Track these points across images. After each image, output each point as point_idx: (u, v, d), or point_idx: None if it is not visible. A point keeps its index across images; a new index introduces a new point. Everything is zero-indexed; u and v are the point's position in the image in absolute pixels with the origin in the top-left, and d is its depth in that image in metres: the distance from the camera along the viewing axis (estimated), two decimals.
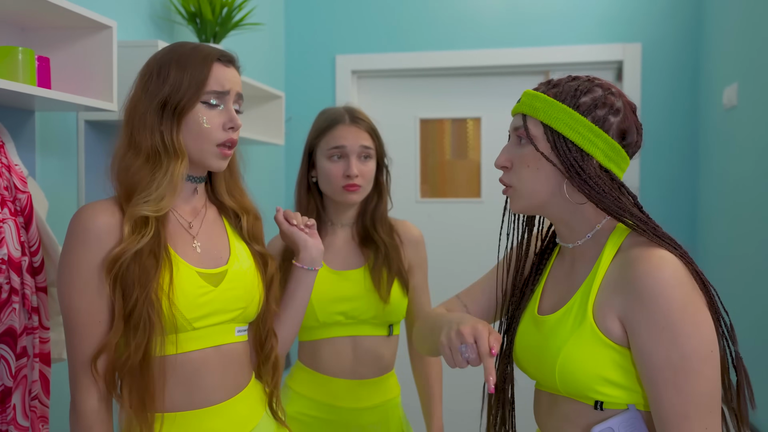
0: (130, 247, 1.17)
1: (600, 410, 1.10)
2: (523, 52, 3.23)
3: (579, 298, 1.13)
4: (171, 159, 1.22)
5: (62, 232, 1.79)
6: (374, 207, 1.77)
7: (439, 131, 3.42)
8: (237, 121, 1.26)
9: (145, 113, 1.22)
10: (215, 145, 1.25)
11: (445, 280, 3.38)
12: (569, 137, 1.12)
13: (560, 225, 1.21)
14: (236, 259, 1.32)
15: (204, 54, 1.24)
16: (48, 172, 1.76)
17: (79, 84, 1.61)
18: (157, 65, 1.25)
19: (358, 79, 3.43)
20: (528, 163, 1.15)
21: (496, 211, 3.31)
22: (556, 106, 1.13)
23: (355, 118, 1.73)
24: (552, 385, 1.15)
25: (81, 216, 1.20)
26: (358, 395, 1.68)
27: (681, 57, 3.08)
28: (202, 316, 1.22)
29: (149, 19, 2.20)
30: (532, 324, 1.21)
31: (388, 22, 3.32)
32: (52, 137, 1.78)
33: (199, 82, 1.22)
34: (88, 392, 1.19)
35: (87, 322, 1.18)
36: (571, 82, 1.16)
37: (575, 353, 1.09)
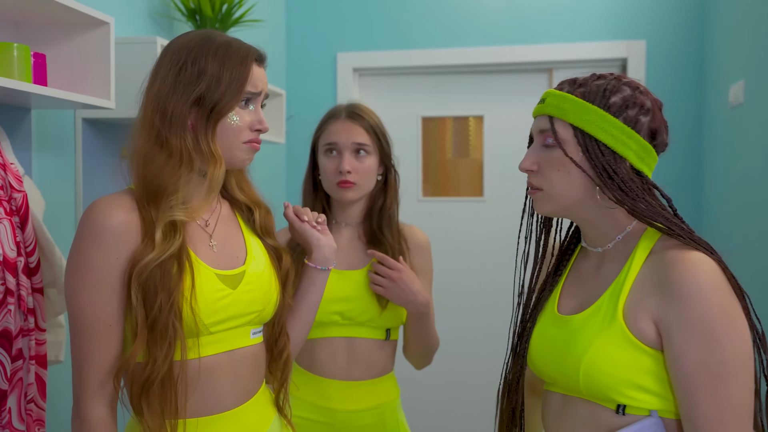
0: (161, 255, 1.10)
1: (622, 415, 1.06)
2: (527, 50, 3.20)
3: (607, 298, 1.10)
4: (208, 164, 1.15)
5: (60, 232, 1.77)
6: (381, 207, 1.73)
7: (441, 129, 3.39)
8: (265, 124, 1.21)
9: (176, 110, 1.13)
10: (242, 143, 1.19)
11: (448, 279, 3.35)
12: (601, 139, 1.09)
13: (588, 228, 1.18)
14: (253, 258, 1.27)
15: (243, 52, 1.17)
16: (45, 171, 1.73)
17: (76, 81, 1.59)
18: (190, 56, 1.14)
19: (360, 76, 3.40)
20: (557, 166, 1.12)
21: (499, 210, 3.31)
22: (586, 108, 1.10)
23: (353, 113, 1.70)
24: (573, 386, 1.11)
25: (95, 211, 1.12)
26: (353, 397, 1.65)
27: (685, 54, 3.05)
28: (219, 320, 1.17)
29: (147, 16, 2.18)
30: (553, 324, 1.18)
31: (390, 20, 3.29)
32: (49, 135, 1.75)
33: (240, 83, 1.15)
34: (95, 399, 1.11)
35: (96, 325, 1.11)
36: (597, 81, 1.13)
37: (603, 354, 1.06)
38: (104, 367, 1.12)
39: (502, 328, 3.36)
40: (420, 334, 1.73)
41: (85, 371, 1.12)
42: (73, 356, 1.12)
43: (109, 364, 1.12)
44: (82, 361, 1.12)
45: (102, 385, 1.12)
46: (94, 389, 1.12)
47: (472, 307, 3.34)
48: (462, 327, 3.35)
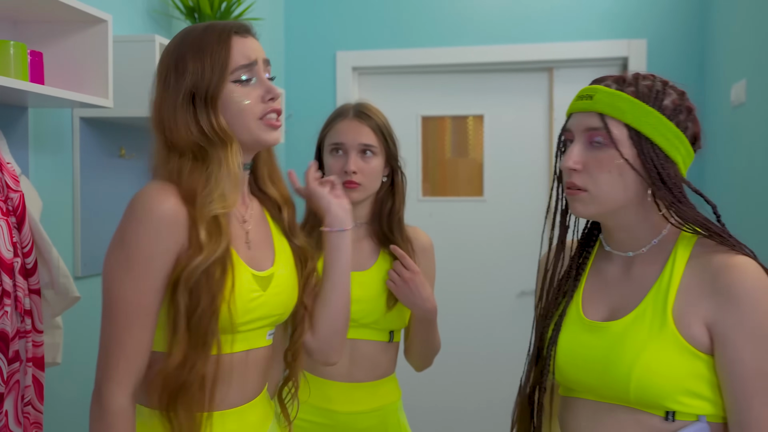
0: (209, 258, 1.08)
1: (671, 421, 1.04)
2: (527, 49, 3.19)
3: (651, 303, 1.08)
4: (219, 148, 1.12)
5: (57, 233, 1.75)
6: (390, 209, 1.71)
7: (441, 129, 3.38)
8: (275, 90, 1.17)
9: (173, 112, 1.13)
10: (258, 119, 1.15)
11: (447, 279, 3.33)
12: (657, 142, 1.06)
13: (622, 232, 1.14)
14: (281, 259, 1.25)
15: (218, 31, 1.14)
16: (42, 171, 1.71)
17: (74, 79, 1.57)
18: (173, 59, 1.15)
19: (359, 75, 3.38)
20: (608, 168, 1.07)
21: (499, 210, 3.29)
22: (643, 109, 1.06)
23: (360, 113, 1.68)
24: (618, 395, 1.08)
25: (148, 197, 1.09)
26: (354, 399, 1.64)
27: (686, 53, 3.03)
28: (248, 321, 1.16)
29: (146, 14, 2.16)
30: (583, 330, 1.14)
31: (390, 18, 3.27)
32: (46, 134, 1.73)
33: (222, 64, 1.12)
34: (119, 388, 1.08)
35: (134, 312, 1.08)
36: (643, 81, 1.10)
37: (656, 361, 1.04)
38: (133, 356, 1.09)
39: (503, 328, 3.37)
40: (424, 338, 1.71)
41: (114, 359, 1.09)
42: (102, 343, 1.10)
43: (139, 354, 1.10)
44: (112, 348, 1.09)
45: (128, 375, 1.09)
46: (120, 378, 1.09)
47: (472, 307, 3.32)
48: (462, 327, 3.33)
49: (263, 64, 1.18)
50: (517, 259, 3.30)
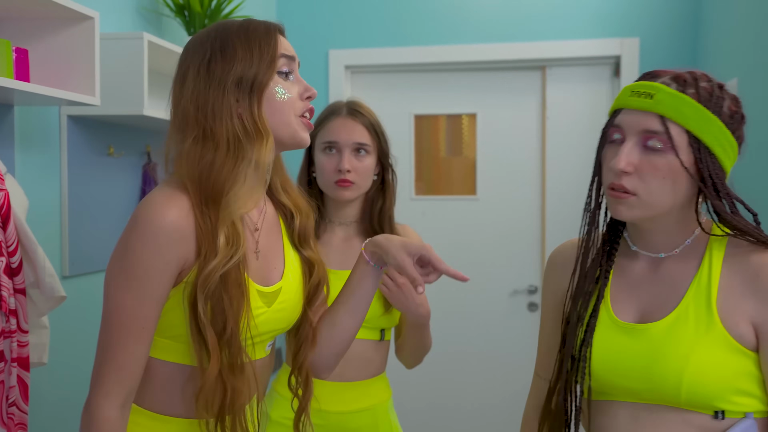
0: (222, 263, 1.05)
1: (721, 419, 1.04)
2: (520, 47, 3.18)
3: (692, 303, 1.06)
4: (254, 142, 1.08)
5: (44, 232, 1.74)
6: (380, 208, 1.70)
7: (434, 127, 3.37)
8: (312, 89, 1.16)
9: (219, 98, 1.08)
10: (298, 116, 1.14)
11: (441, 280, 3.32)
12: (714, 151, 1.03)
13: (658, 235, 1.11)
14: (289, 272, 1.21)
15: (264, 26, 1.14)
16: (28, 169, 1.69)
17: (60, 77, 1.55)
18: (219, 45, 1.11)
19: (352, 74, 3.37)
20: (663, 174, 1.03)
21: (492, 209, 3.28)
22: (708, 117, 1.02)
23: (353, 111, 1.67)
24: (668, 398, 1.06)
25: (150, 209, 1.06)
26: (345, 398, 1.63)
27: (679, 52, 3.03)
28: (249, 336, 1.12)
29: (135, 11, 2.14)
30: (618, 333, 1.11)
31: (383, 17, 3.26)
32: (32, 133, 1.72)
33: (272, 53, 1.11)
34: (108, 398, 1.06)
35: (131, 325, 1.06)
36: (702, 83, 1.05)
37: (708, 361, 1.02)
38: (126, 368, 1.07)
39: (496, 327, 3.36)
40: (416, 340, 1.71)
41: (105, 369, 1.07)
42: (97, 351, 1.08)
43: (131, 367, 1.07)
44: (105, 357, 1.07)
45: (118, 386, 1.07)
46: (110, 388, 1.07)
47: (464, 306, 3.32)
48: (455, 326, 3.33)
49: (298, 66, 1.18)
50: (510, 258, 3.30)
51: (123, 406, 1.08)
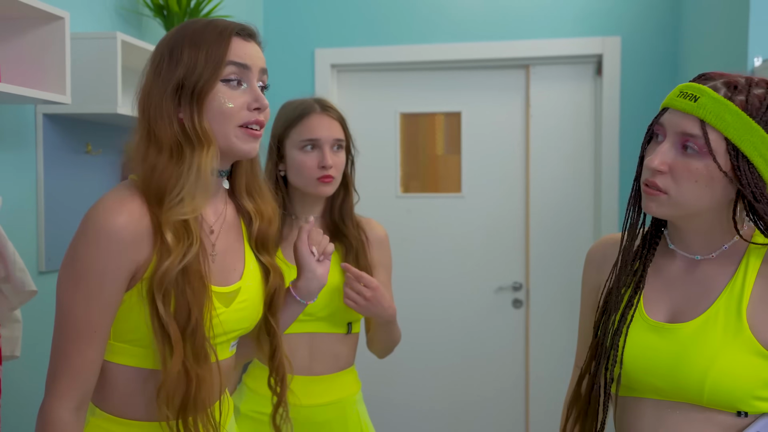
0: (176, 263, 1.05)
1: (744, 417, 1.05)
2: (503, 46, 3.20)
3: (723, 307, 1.07)
4: (196, 149, 1.08)
5: (20, 228, 1.77)
6: (342, 201, 1.73)
7: (419, 125, 3.40)
8: (263, 100, 1.13)
9: (160, 101, 1.09)
10: (238, 126, 1.11)
11: (426, 275, 3.36)
12: (753, 161, 1.02)
13: (694, 235, 1.13)
14: (249, 273, 1.22)
15: (220, 28, 1.11)
16: (4, 167, 1.73)
17: (32, 76, 1.58)
18: (168, 47, 1.11)
19: (338, 73, 3.40)
20: (696, 177, 1.03)
21: (477, 207, 3.31)
22: (749, 125, 1.01)
23: (327, 107, 1.70)
24: (692, 397, 1.07)
25: (99, 213, 1.06)
26: (313, 392, 1.65)
27: (660, 50, 3.05)
28: (212, 335, 1.12)
29: (114, 11, 2.17)
30: (648, 331, 1.13)
31: (368, 16, 3.29)
32: (7, 131, 1.75)
33: (218, 59, 1.08)
34: (62, 401, 1.07)
35: (82, 329, 1.06)
36: (756, 89, 1.03)
37: (732, 365, 1.04)
38: (78, 371, 1.08)
39: (481, 323, 3.39)
40: (386, 336, 1.74)
41: (58, 372, 1.08)
42: (51, 354, 1.09)
43: (84, 370, 1.08)
44: (57, 361, 1.08)
45: (70, 389, 1.08)
46: (62, 391, 1.07)
47: (449, 303, 3.34)
48: (440, 323, 3.35)
49: (258, 73, 1.15)
50: (495, 255, 3.32)
51: (77, 409, 1.09)
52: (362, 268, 1.66)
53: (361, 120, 3.37)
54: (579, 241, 3.22)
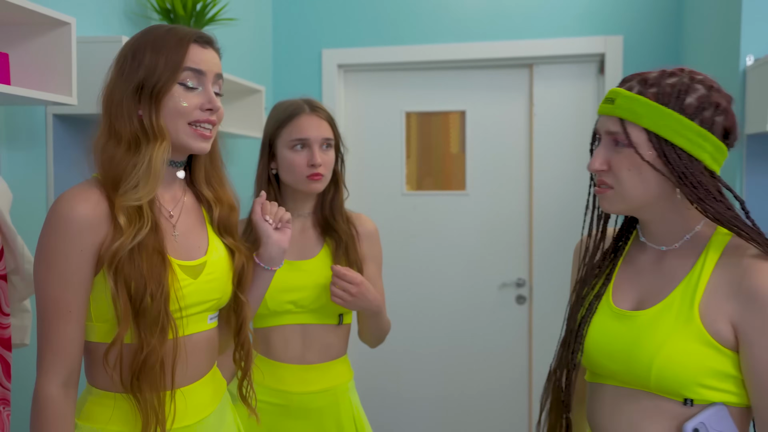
0: (127, 242, 1.17)
1: (690, 406, 1.10)
2: (507, 46, 3.25)
3: (679, 296, 1.12)
4: (150, 143, 1.20)
5: (31, 224, 1.85)
6: (332, 197, 1.80)
7: (424, 124, 3.45)
8: (215, 102, 1.25)
9: (121, 99, 1.21)
10: (187, 124, 1.23)
11: (431, 271, 3.41)
12: (677, 144, 1.08)
13: (655, 226, 1.18)
14: (214, 248, 1.34)
15: (180, 35, 1.23)
16: (15, 166, 1.82)
17: (41, 79, 1.66)
18: (131, 50, 1.23)
19: (345, 72, 3.46)
20: (629, 167, 1.12)
21: (481, 204, 3.36)
22: (662, 112, 1.08)
23: (316, 108, 1.78)
24: (640, 382, 1.13)
25: (60, 204, 1.19)
26: (306, 380, 1.72)
27: (662, 49, 3.08)
28: (181, 308, 1.24)
29: (123, 15, 2.26)
30: (612, 318, 1.19)
31: (374, 16, 3.35)
32: (19, 131, 1.84)
33: (175, 64, 1.21)
34: (48, 377, 1.19)
35: (57, 310, 1.18)
36: (669, 79, 1.10)
37: (678, 352, 1.08)
38: (59, 348, 1.19)
39: (484, 319, 3.44)
40: (374, 326, 1.80)
41: (42, 351, 1.20)
42: (37, 336, 1.21)
43: (65, 347, 1.19)
44: (41, 341, 1.20)
45: (55, 365, 1.19)
46: (47, 368, 1.19)
47: (454, 299, 3.40)
48: (445, 319, 3.41)
49: (213, 78, 1.26)
50: (499, 252, 3.37)
51: (65, 385, 1.19)
52: (352, 261, 1.72)
53: (367, 119, 3.43)
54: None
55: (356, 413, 1.79)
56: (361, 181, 3.44)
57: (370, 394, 3.36)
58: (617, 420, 1.18)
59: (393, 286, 3.34)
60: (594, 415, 1.23)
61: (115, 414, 1.23)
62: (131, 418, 1.23)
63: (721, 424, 1.08)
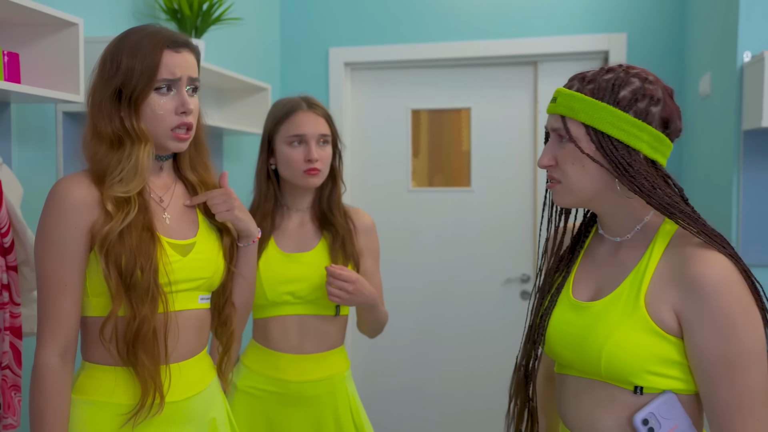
0: (116, 225, 1.27)
1: (639, 395, 1.13)
2: (512, 43, 3.28)
3: (628, 287, 1.15)
4: (135, 144, 1.29)
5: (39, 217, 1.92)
6: (330, 192, 1.85)
7: (430, 122, 3.49)
8: (188, 105, 1.32)
9: (101, 101, 1.31)
10: (169, 130, 1.32)
11: (436, 267, 3.45)
12: (613, 135, 1.12)
13: (607, 218, 1.23)
14: (204, 231, 1.43)
15: (154, 42, 1.30)
16: (26, 162, 1.88)
17: (50, 78, 1.73)
18: (110, 54, 1.32)
19: (351, 71, 3.51)
20: (572, 160, 1.16)
21: (486, 200, 3.40)
22: (596, 105, 1.13)
23: (313, 104, 1.82)
24: (592, 370, 1.17)
25: (57, 188, 1.30)
26: (304, 369, 1.77)
27: (665, 46, 3.10)
28: (169, 282, 1.33)
29: (131, 15, 2.32)
30: (570, 309, 1.23)
31: (381, 15, 3.39)
32: (30, 128, 1.90)
33: (150, 72, 1.28)
34: (47, 348, 1.28)
35: (54, 285, 1.28)
36: (606, 75, 1.15)
37: (625, 340, 1.12)
38: (57, 321, 1.29)
39: (489, 314, 3.47)
40: (371, 318, 1.85)
41: (41, 324, 1.30)
42: (37, 311, 1.31)
43: (62, 320, 1.29)
44: (41, 315, 1.30)
45: (53, 337, 1.29)
46: (46, 340, 1.29)
47: (459, 294, 3.43)
48: (449, 314, 3.44)
49: (187, 80, 1.34)
50: (503, 248, 3.40)
51: (62, 356, 1.28)
52: (349, 255, 1.77)
53: (373, 116, 3.48)
54: None
55: (353, 402, 1.83)
56: (368, 178, 3.48)
57: (373, 389, 3.41)
58: (577, 410, 1.22)
59: (398, 282, 3.39)
60: (560, 405, 1.28)
61: (109, 386, 1.32)
62: (128, 390, 1.31)
63: (671, 412, 1.12)
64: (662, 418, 1.11)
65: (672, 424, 1.12)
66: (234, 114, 2.86)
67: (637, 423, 1.12)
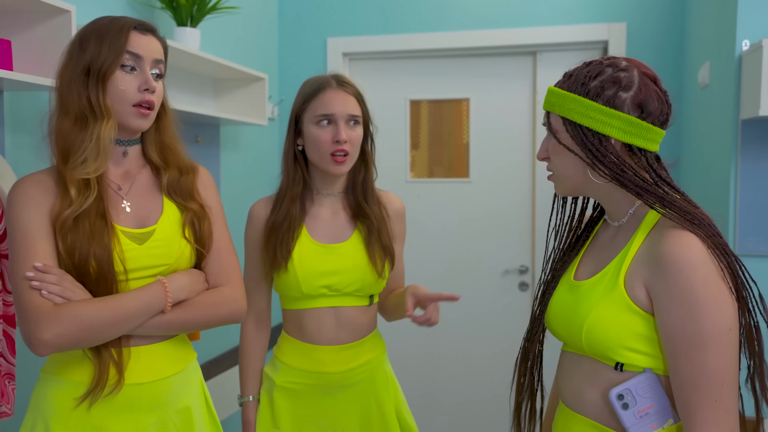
0: (78, 209, 1.32)
1: (620, 371, 1.17)
2: (511, 33, 3.26)
3: (612, 267, 1.20)
4: (98, 120, 1.35)
5: None
6: (363, 178, 1.77)
7: (428, 112, 3.48)
8: (151, 83, 1.39)
9: (70, 79, 1.37)
10: (131, 105, 1.38)
11: (434, 258, 3.45)
12: (584, 124, 1.17)
13: (606, 204, 1.28)
14: (165, 219, 1.45)
15: (120, 24, 1.39)
16: (20, 149, 1.88)
17: (42, 65, 1.72)
18: (80, 38, 1.39)
19: (350, 61, 3.50)
20: (557, 152, 1.24)
21: (484, 191, 3.40)
22: (568, 98, 1.19)
23: (342, 82, 1.72)
24: (578, 345, 1.22)
25: (17, 183, 1.38)
26: (343, 359, 1.73)
27: (665, 36, 3.08)
28: (124, 270, 1.37)
29: (126, 4, 2.31)
30: (567, 289, 1.29)
31: (379, 5, 3.38)
32: (24, 116, 1.90)
33: (117, 50, 1.36)
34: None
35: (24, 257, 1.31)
36: (585, 69, 1.20)
37: (603, 316, 1.16)
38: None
39: (487, 305, 3.47)
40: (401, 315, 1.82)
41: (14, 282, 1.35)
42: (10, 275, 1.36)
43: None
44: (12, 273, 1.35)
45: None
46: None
47: (458, 285, 3.43)
48: (448, 305, 3.44)
49: (151, 62, 1.40)
50: (502, 239, 3.40)
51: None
52: (385, 246, 1.73)
53: (371, 107, 3.45)
54: None
55: (391, 382, 1.80)
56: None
57: None
58: (569, 383, 1.28)
59: None
60: (557, 379, 1.35)
61: (72, 364, 1.38)
62: (88, 369, 1.37)
63: (649, 392, 1.14)
64: (638, 396, 1.14)
65: (648, 402, 1.14)
66: (231, 104, 2.85)
67: (612, 397, 1.15)
